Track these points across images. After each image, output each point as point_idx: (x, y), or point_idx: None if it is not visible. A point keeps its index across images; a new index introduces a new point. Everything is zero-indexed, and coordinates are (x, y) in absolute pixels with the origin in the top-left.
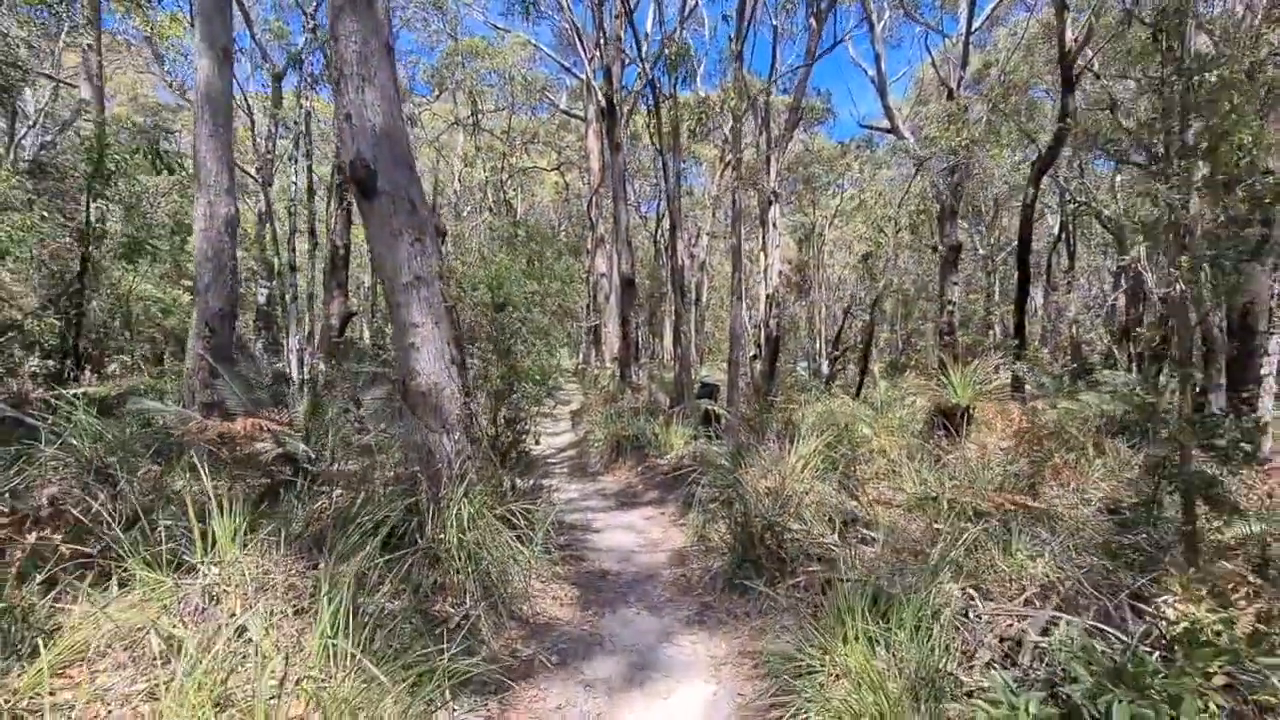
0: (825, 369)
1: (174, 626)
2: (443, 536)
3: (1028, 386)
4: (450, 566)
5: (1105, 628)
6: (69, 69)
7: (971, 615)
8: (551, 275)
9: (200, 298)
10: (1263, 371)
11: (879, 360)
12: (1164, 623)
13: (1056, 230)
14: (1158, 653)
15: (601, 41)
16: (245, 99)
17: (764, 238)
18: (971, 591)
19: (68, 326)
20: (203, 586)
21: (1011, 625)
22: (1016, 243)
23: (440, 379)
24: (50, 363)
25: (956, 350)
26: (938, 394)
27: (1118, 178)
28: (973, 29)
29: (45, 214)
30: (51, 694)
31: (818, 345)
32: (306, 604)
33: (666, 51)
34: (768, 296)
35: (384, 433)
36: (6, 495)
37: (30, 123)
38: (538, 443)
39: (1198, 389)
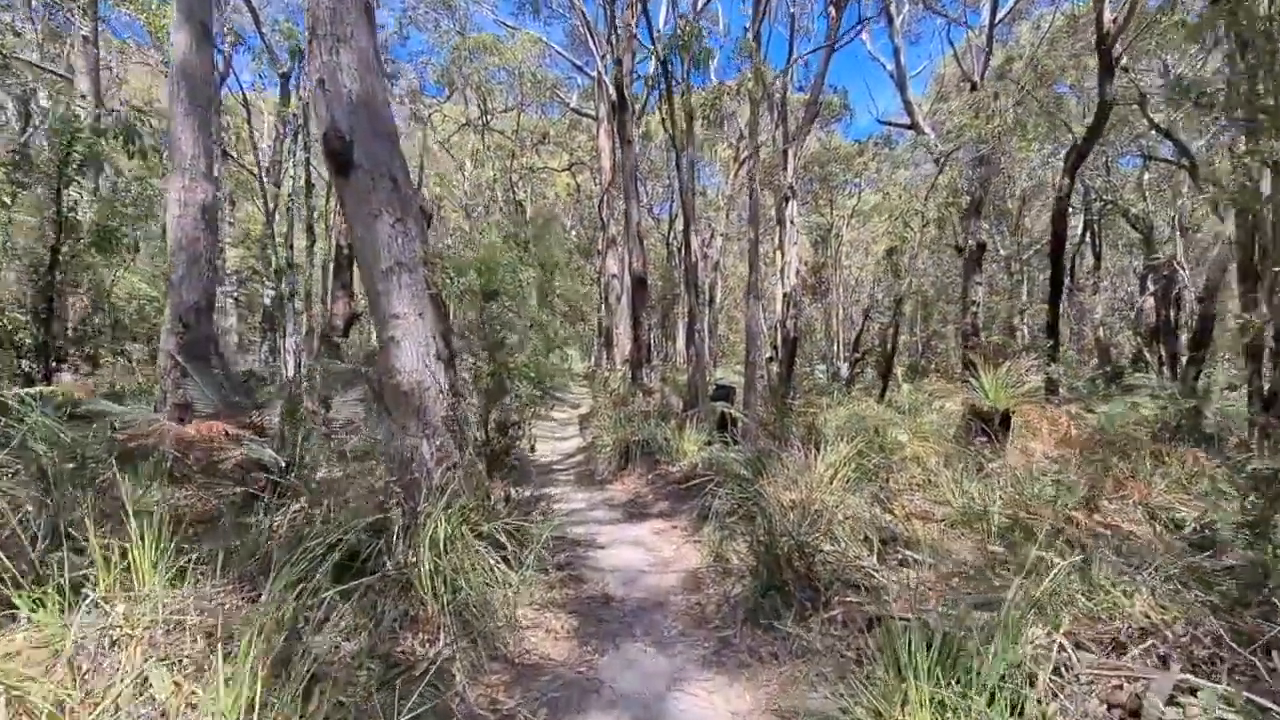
0: (844, 371)
1: (65, 678)
2: (415, 560)
3: (1061, 389)
4: (423, 596)
5: (1261, 700)
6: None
7: (1065, 672)
8: (551, 262)
9: (173, 290)
10: None
11: (899, 363)
12: None
13: (1080, 230)
14: None
15: (613, 36)
16: (245, 97)
17: (781, 236)
18: (1062, 640)
19: (35, 322)
20: (100, 629)
21: (1121, 687)
22: (1050, 238)
23: (423, 377)
24: (23, 362)
25: (985, 351)
26: (970, 397)
27: (1145, 175)
28: (997, 19)
29: (7, 201)
30: None
31: (835, 348)
32: (238, 648)
33: (680, 32)
34: (785, 296)
35: (368, 437)
36: None
37: (37, 122)
38: (533, 449)
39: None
